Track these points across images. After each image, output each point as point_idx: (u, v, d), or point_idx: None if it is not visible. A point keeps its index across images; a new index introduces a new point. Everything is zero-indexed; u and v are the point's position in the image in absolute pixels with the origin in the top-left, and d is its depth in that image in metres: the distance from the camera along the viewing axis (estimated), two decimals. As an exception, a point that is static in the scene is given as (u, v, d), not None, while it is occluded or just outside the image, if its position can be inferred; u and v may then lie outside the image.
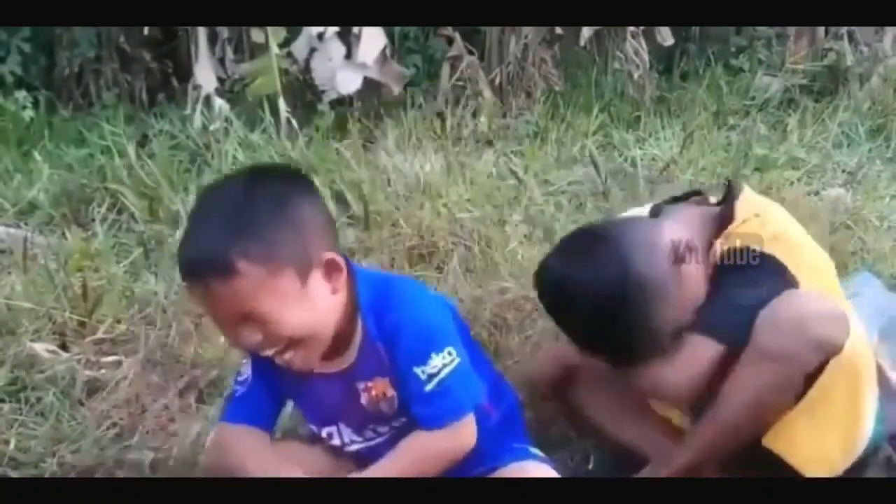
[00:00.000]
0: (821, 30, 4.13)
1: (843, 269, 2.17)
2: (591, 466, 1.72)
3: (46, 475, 1.67)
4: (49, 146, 3.14)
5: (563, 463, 1.68)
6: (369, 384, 1.35)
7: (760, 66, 4.13)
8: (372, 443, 1.41)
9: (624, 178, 3.10)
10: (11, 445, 1.73)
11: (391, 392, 1.34)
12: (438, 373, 1.28)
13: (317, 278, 1.25)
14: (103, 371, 1.95)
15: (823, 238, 2.25)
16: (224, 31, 3.43)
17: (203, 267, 1.19)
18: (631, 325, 1.44)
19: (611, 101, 3.74)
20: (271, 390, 1.41)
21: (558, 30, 3.76)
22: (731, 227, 1.52)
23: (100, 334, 2.06)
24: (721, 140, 3.44)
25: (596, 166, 3.07)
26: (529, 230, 2.66)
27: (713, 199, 1.65)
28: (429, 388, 1.28)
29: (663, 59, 4.12)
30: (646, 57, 3.84)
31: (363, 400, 1.36)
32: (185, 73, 3.43)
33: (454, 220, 2.59)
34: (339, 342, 1.32)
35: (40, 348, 1.96)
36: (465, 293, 2.20)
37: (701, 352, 1.45)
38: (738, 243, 1.49)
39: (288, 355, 1.27)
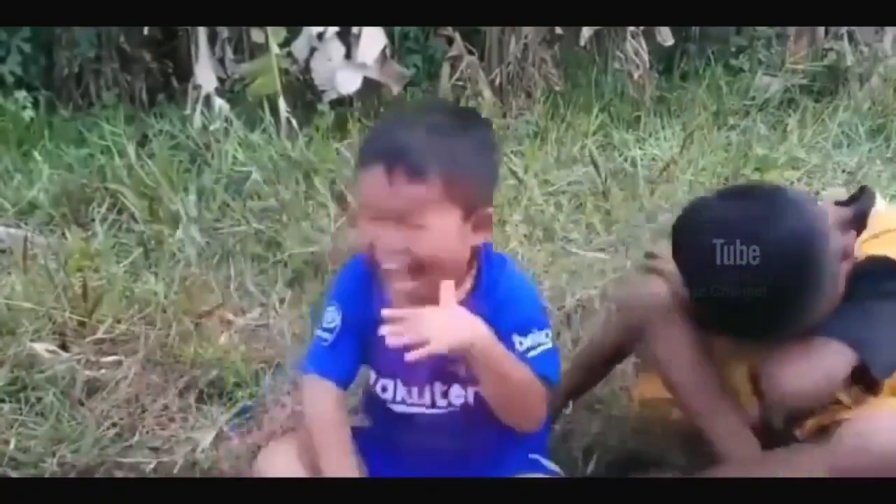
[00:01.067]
0: (821, 30, 4.13)
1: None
2: (591, 468, 1.72)
3: (46, 475, 1.67)
4: (49, 146, 3.14)
5: (563, 462, 1.67)
6: None
7: (760, 66, 4.13)
8: (427, 410, 1.40)
9: (624, 178, 3.10)
10: (11, 445, 1.73)
11: None
12: (535, 347, 1.33)
13: (473, 223, 1.32)
14: (103, 371, 1.95)
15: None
16: (224, 31, 3.43)
17: (402, 156, 1.26)
18: (796, 294, 1.35)
19: (611, 101, 3.74)
20: (356, 340, 1.41)
21: (558, 30, 3.76)
22: (866, 234, 1.47)
23: (100, 334, 2.06)
24: (721, 140, 3.45)
25: (596, 166, 3.07)
26: (529, 230, 2.66)
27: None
28: (531, 355, 1.33)
29: (663, 59, 4.12)
30: (646, 57, 3.84)
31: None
32: (185, 73, 3.43)
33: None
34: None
35: (40, 348, 1.96)
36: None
37: (841, 360, 1.37)
38: (877, 252, 1.42)
39: (407, 281, 1.30)
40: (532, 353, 1.33)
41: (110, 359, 2.00)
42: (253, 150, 3.03)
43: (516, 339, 1.33)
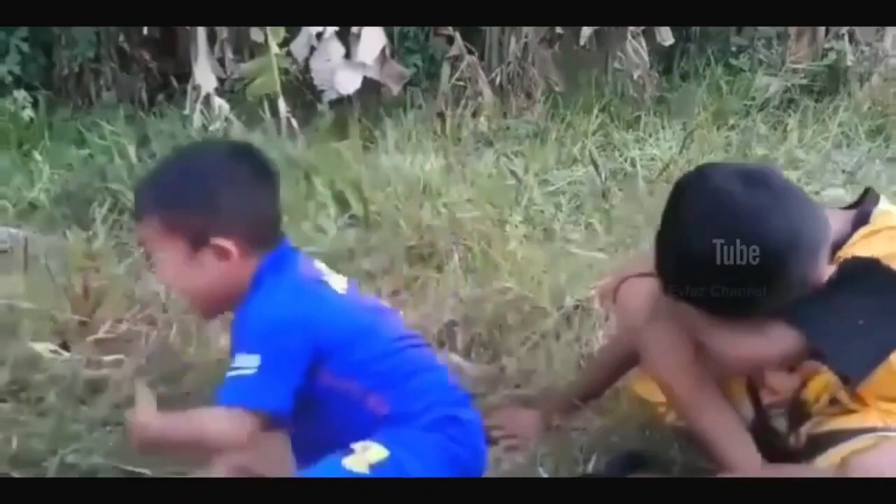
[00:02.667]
0: (821, 30, 4.14)
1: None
2: (591, 467, 1.72)
3: (48, 475, 1.67)
4: (49, 146, 3.14)
5: (563, 462, 1.68)
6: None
7: (760, 66, 4.13)
8: None
9: (624, 178, 3.10)
10: (13, 445, 1.73)
11: None
12: (239, 368, 1.33)
13: (209, 253, 1.37)
14: (104, 371, 1.95)
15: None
16: (223, 31, 3.43)
17: (135, 199, 1.45)
18: (777, 268, 1.34)
19: (611, 101, 3.74)
20: None
21: (558, 29, 3.76)
22: (865, 230, 1.46)
23: (101, 334, 2.06)
24: (721, 140, 3.45)
25: (596, 166, 3.07)
26: (529, 230, 2.66)
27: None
28: (228, 374, 1.35)
29: (663, 58, 4.13)
30: (646, 57, 3.84)
31: None
32: (185, 74, 3.43)
33: (454, 220, 2.59)
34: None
35: (41, 348, 1.96)
36: (465, 293, 2.20)
37: (786, 338, 1.39)
38: (871, 246, 1.42)
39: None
40: (230, 373, 1.34)
41: (111, 358, 2.00)
42: (253, 151, 3.02)
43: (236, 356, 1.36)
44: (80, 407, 1.86)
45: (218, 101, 3.24)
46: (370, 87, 3.45)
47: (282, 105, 3.23)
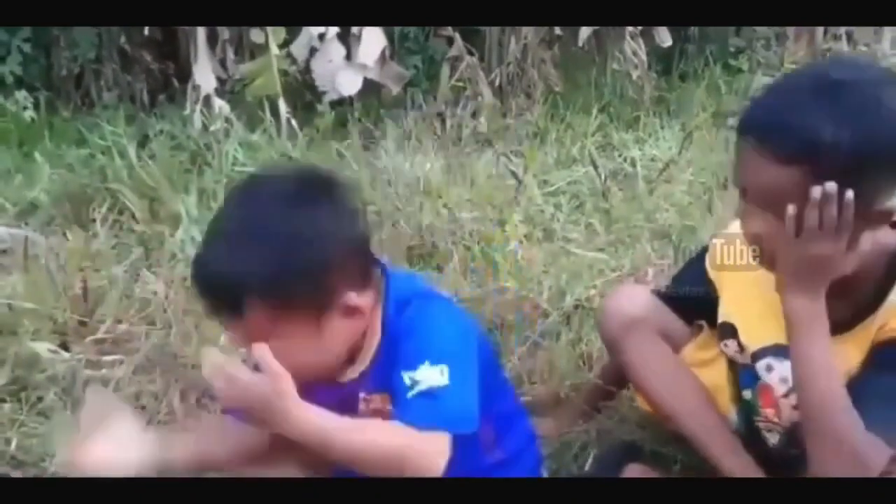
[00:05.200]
0: (819, 30, 4.14)
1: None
2: (588, 465, 1.72)
3: (47, 475, 1.67)
4: (50, 146, 3.15)
5: (564, 462, 1.68)
6: (371, 396, 1.27)
7: (759, 67, 4.13)
8: None
9: (623, 178, 3.10)
10: (13, 445, 1.74)
11: (389, 407, 1.23)
12: (422, 383, 1.16)
13: (333, 319, 1.17)
14: (104, 371, 1.95)
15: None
16: (224, 32, 3.43)
17: (213, 302, 1.14)
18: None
19: (610, 102, 3.74)
20: None
21: (557, 30, 3.76)
22: None
23: (100, 334, 2.06)
24: (720, 140, 3.45)
25: (595, 166, 3.07)
26: (529, 230, 2.66)
27: None
28: (410, 394, 1.16)
29: (662, 59, 4.13)
30: (644, 57, 3.85)
31: (360, 409, 1.28)
32: (186, 74, 3.43)
33: (454, 220, 2.59)
34: (353, 358, 1.25)
35: (41, 348, 1.96)
36: (465, 293, 2.20)
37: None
38: None
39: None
40: (417, 392, 1.15)
41: (111, 358, 2.00)
42: (253, 151, 3.03)
43: (405, 375, 1.16)
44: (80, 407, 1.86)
45: (218, 102, 3.24)
46: (370, 88, 3.45)
47: (282, 105, 3.23)
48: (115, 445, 1.26)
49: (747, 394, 1.52)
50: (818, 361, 1.26)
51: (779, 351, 1.40)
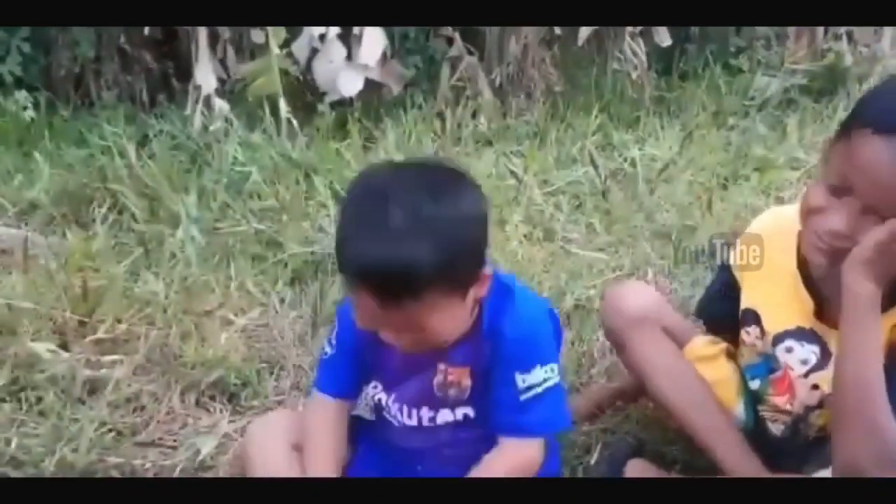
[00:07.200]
0: (820, 30, 4.14)
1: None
2: (593, 461, 1.72)
3: (47, 475, 1.67)
4: (49, 146, 3.14)
5: (563, 461, 1.68)
6: (451, 368, 1.33)
7: (759, 67, 4.13)
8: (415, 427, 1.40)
9: (623, 178, 3.10)
10: (12, 445, 1.73)
11: (467, 382, 1.33)
12: (537, 385, 1.29)
13: (472, 292, 1.26)
14: (104, 371, 1.95)
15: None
16: (225, 32, 3.43)
17: (386, 282, 1.16)
18: None
19: (610, 102, 3.74)
20: (355, 353, 1.40)
21: (557, 30, 3.76)
22: None
23: (100, 334, 2.06)
24: (720, 140, 3.45)
25: (595, 166, 3.07)
26: (529, 230, 2.66)
27: None
28: (524, 397, 1.29)
29: (662, 59, 4.12)
30: (644, 57, 3.84)
31: (435, 380, 1.34)
32: (186, 74, 3.43)
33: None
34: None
35: (41, 348, 1.96)
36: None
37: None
38: None
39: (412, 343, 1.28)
40: (532, 395, 1.29)
41: (110, 358, 2.00)
42: (253, 151, 3.03)
43: (518, 376, 1.29)
44: (80, 407, 1.86)
45: (218, 102, 3.24)
46: (371, 88, 3.45)
47: (282, 105, 3.23)
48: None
49: (755, 384, 1.57)
50: (871, 347, 1.28)
51: (800, 333, 1.47)
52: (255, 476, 1.41)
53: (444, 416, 1.38)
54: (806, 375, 1.48)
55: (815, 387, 1.48)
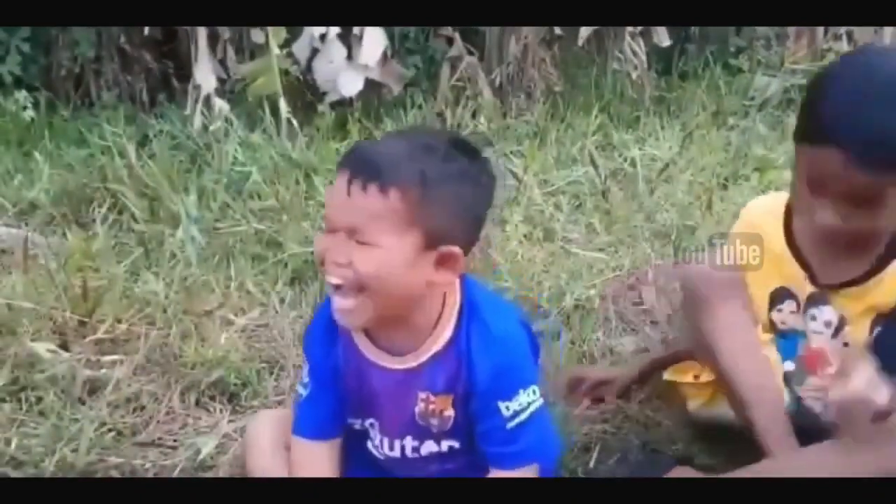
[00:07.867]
0: (820, 30, 4.14)
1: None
2: (592, 463, 1.72)
3: (46, 475, 1.67)
4: (49, 146, 3.14)
5: (563, 461, 1.68)
6: (431, 397, 1.28)
7: (759, 67, 4.13)
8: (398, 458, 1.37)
9: (623, 178, 3.10)
10: (12, 445, 1.73)
11: (449, 412, 1.28)
12: (522, 411, 1.25)
13: (437, 257, 1.21)
14: (104, 371, 1.95)
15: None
16: (225, 32, 3.43)
17: (364, 167, 1.16)
18: None
19: (610, 102, 3.74)
20: (331, 389, 1.35)
21: (557, 30, 3.76)
22: None
23: (100, 334, 2.06)
24: (720, 140, 3.45)
25: (595, 166, 3.07)
26: (529, 230, 2.66)
27: None
28: (510, 425, 1.25)
29: (662, 59, 4.12)
30: (644, 57, 3.84)
31: (416, 408, 1.30)
32: (186, 74, 3.43)
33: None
34: (416, 328, 1.27)
35: (41, 348, 1.96)
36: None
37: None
38: None
39: (347, 299, 1.21)
40: (517, 423, 1.25)
41: (111, 358, 2.00)
42: (253, 151, 3.03)
43: (502, 405, 1.25)
44: (80, 407, 1.86)
45: (218, 102, 3.24)
46: (371, 88, 3.45)
47: (282, 105, 3.23)
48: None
49: (788, 365, 1.57)
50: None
51: (812, 299, 1.52)
52: (250, 475, 1.39)
53: (429, 447, 1.34)
54: (835, 335, 1.51)
55: (846, 344, 1.50)
